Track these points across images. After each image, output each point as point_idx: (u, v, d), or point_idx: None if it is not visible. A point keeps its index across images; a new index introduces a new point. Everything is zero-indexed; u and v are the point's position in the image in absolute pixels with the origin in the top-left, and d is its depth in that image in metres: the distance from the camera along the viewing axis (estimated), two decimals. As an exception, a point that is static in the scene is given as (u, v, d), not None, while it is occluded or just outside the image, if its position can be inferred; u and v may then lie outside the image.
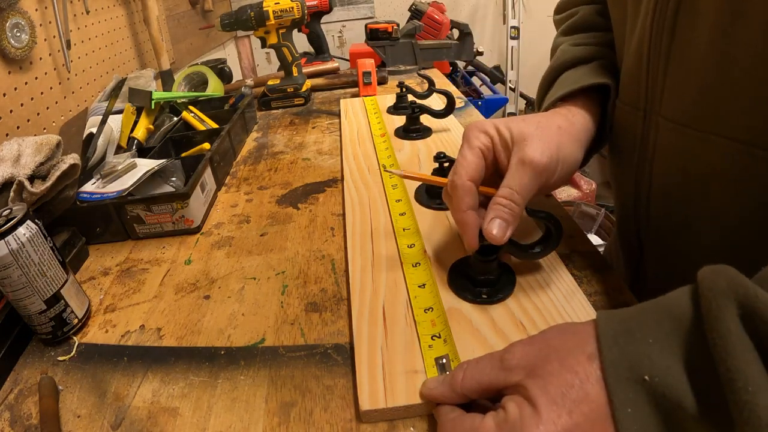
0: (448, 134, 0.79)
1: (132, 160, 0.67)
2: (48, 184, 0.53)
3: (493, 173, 0.43)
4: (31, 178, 0.53)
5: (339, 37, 2.46)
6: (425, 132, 0.80)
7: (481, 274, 0.43)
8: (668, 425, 0.24)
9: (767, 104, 0.32)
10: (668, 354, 0.25)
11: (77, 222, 0.60)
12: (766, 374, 0.21)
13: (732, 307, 0.23)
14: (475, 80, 2.30)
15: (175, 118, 0.90)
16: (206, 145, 0.77)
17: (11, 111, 0.73)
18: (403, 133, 0.80)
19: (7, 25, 0.71)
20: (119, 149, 0.77)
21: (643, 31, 0.40)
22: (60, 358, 0.45)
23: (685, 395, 0.24)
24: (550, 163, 0.40)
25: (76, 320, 0.47)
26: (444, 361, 0.37)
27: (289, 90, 1.08)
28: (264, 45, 1.07)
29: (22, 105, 0.75)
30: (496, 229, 0.38)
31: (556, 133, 0.42)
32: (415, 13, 1.80)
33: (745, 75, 0.33)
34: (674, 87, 0.39)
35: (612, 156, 0.52)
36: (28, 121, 0.76)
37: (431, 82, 0.86)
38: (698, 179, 0.39)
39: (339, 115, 0.98)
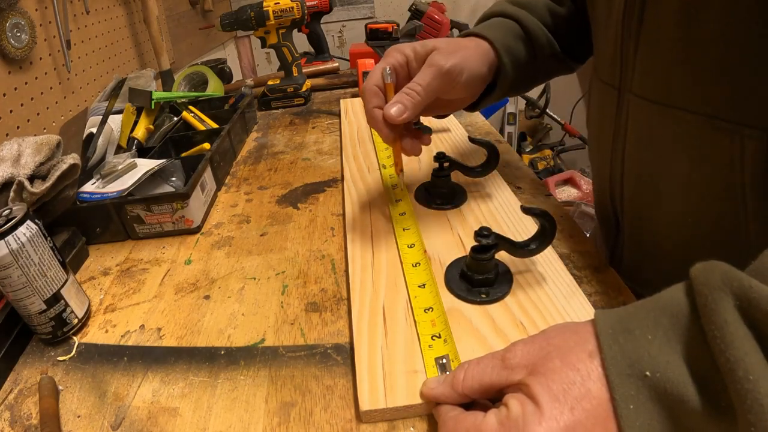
0: (448, 134, 0.79)
1: (132, 160, 0.67)
2: (48, 184, 0.53)
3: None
4: (31, 178, 0.53)
5: (339, 37, 2.46)
6: (425, 132, 0.79)
7: (478, 273, 0.43)
8: (671, 420, 0.24)
9: (728, 79, 0.35)
10: (668, 349, 0.25)
11: (77, 222, 0.60)
12: (765, 362, 0.22)
13: (728, 299, 0.23)
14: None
15: (175, 118, 0.90)
16: (206, 145, 0.77)
17: (11, 111, 0.73)
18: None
19: (7, 25, 0.71)
20: (119, 149, 0.77)
21: (616, 18, 0.44)
22: (60, 358, 0.45)
23: (687, 389, 0.24)
24: (454, 68, 0.46)
25: (76, 320, 0.47)
26: (444, 361, 0.37)
27: (289, 90, 1.08)
28: (264, 45, 1.07)
29: (22, 105, 0.75)
30: (394, 109, 0.45)
31: (463, 49, 0.49)
32: (415, 13, 1.80)
33: (707, 54, 0.36)
34: (643, 66, 0.42)
35: (590, 138, 0.56)
36: (28, 121, 0.76)
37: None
38: (667, 154, 0.42)
39: (339, 115, 0.98)
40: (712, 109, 0.37)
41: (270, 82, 1.09)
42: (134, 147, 0.76)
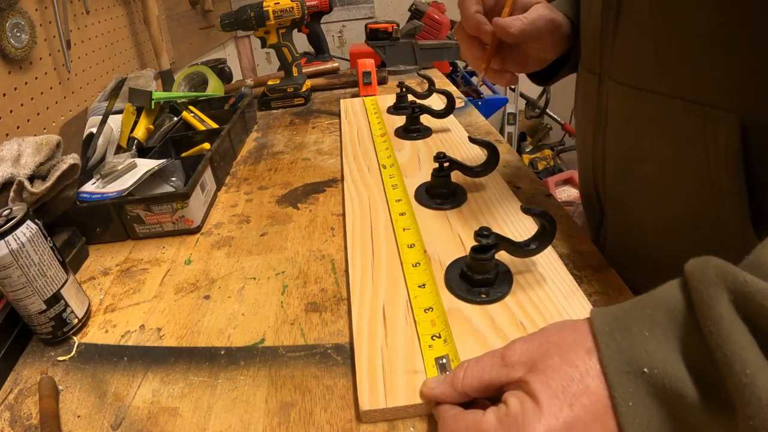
0: (448, 134, 0.79)
1: (132, 160, 0.67)
2: (48, 184, 0.53)
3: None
4: (31, 178, 0.53)
5: (339, 37, 2.46)
6: (425, 132, 0.80)
7: (478, 273, 0.43)
8: (670, 416, 0.25)
9: (698, 64, 0.37)
10: (665, 346, 0.25)
11: (77, 222, 0.60)
12: (762, 356, 0.22)
13: (723, 294, 0.23)
14: (475, 80, 2.30)
15: (175, 118, 0.90)
16: (206, 145, 0.77)
17: (11, 111, 0.73)
18: (403, 133, 0.80)
19: (7, 25, 0.71)
20: (119, 149, 0.77)
21: (597, 7, 0.46)
22: (60, 358, 0.45)
23: (685, 384, 0.24)
24: (555, 20, 0.52)
25: (76, 320, 0.47)
26: (444, 361, 0.37)
27: (289, 90, 1.08)
28: (264, 45, 1.07)
29: (22, 105, 0.75)
30: (516, 23, 0.50)
31: (556, 13, 0.53)
32: (415, 13, 1.80)
33: (679, 40, 0.38)
34: (621, 52, 0.44)
35: (576, 125, 0.58)
36: (28, 121, 0.76)
37: (431, 82, 0.86)
38: (645, 138, 0.44)
39: (339, 115, 0.98)
40: (684, 93, 0.38)
41: (270, 82, 1.09)
42: (134, 147, 0.76)
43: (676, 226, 0.43)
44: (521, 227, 0.52)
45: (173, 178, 0.72)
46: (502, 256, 0.44)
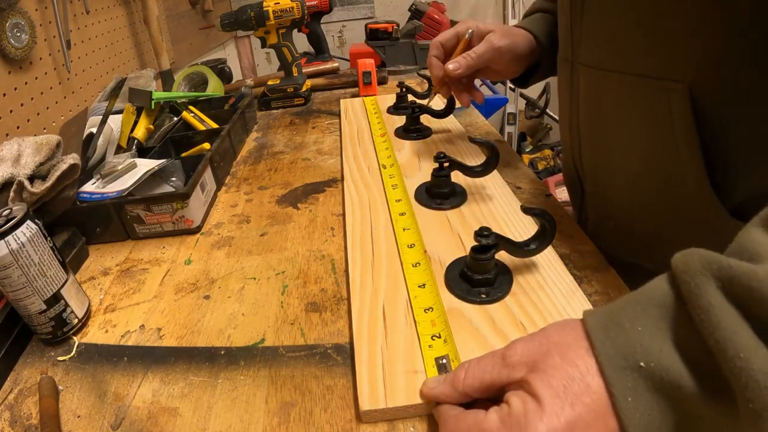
0: (448, 134, 0.79)
1: (132, 160, 0.67)
2: (48, 184, 0.53)
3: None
4: (31, 178, 0.53)
5: (339, 37, 2.46)
6: (425, 132, 0.80)
7: (478, 273, 0.43)
8: (670, 407, 0.25)
9: (652, 41, 0.42)
10: (659, 339, 0.25)
11: (77, 222, 0.60)
12: (755, 337, 0.22)
13: (710, 282, 0.24)
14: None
15: (175, 118, 0.90)
16: (206, 145, 0.77)
17: (11, 111, 0.73)
18: (403, 133, 0.80)
19: (7, 25, 0.71)
20: (119, 149, 0.77)
21: (567, 2, 0.51)
22: (60, 358, 0.45)
23: (682, 375, 0.24)
24: (503, 47, 0.62)
25: (76, 320, 0.47)
26: (444, 361, 0.37)
27: (289, 90, 1.08)
28: (264, 45, 1.07)
29: (22, 105, 0.75)
30: (452, 65, 0.63)
31: (513, 35, 0.63)
32: (415, 13, 1.80)
33: (635, 21, 0.42)
34: (588, 37, 0.49)
35: (558, 112, 0.62)
36: (28, 121, 0.76)
37: (431, 82, 0.86)
38: (611, 115, 0.48)
39: (339, 115, 0.98)
40: (641, 70, 0.43)
41: (270, 82, 1.09)
42: (134, 147, 0.76)
43: (646, 193, 0.48)
44: (521, 227, 0.52)
45: (173, 178, 0.72)
46: (502, 256, 0.44)
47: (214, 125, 0.88)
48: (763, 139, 0.39)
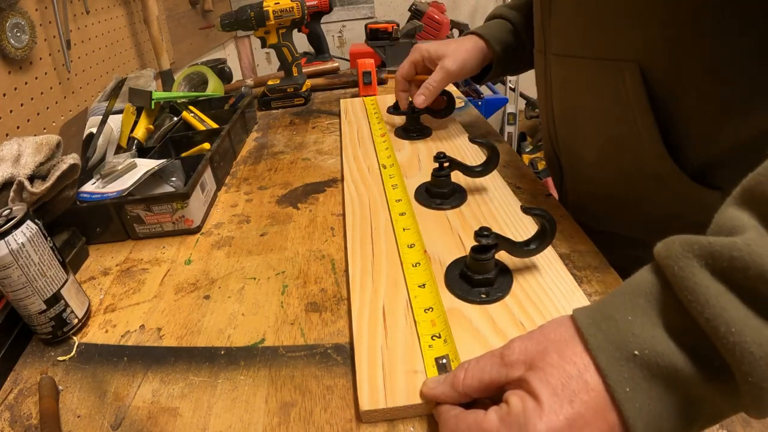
0: (448, 134, 0.79)
1: (132, 160, 0.67)
2: (48, 184, 0.53)
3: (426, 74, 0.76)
4: (31, 178, 0.53)
5: (339, 37, 2.46)
6: (425, 132, 0.80)
7: (478, 273, 0.43)
8: (670, 393, 0.25)
9: (606, 27, 0.47)
10: (650, 326, 0.26)
11: (77, 222, 0.60)
12: (745, 309, 0.22)
13: (693, 262, 0.24)
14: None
15: (175, 118, 0.90)
16: (206, 145, 0.77)
17: (11, 111, 0.73)
18: (403, 133, 0.80)
19: (7, 25, 0.71)
20: (119, 149, 0.77)
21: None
22: (60, 358, 0.45)
23: (678, 359, 0.24)
24: (456, 70, 0.72)
25: (76, 320, 0.47)
26: (444, 361, 0.37)
27: (289, 90, 1.08)
28: (264, 45, 1.07)
29: (22, 105, 0.75)
30: (419, 99, 0.74)
31: (464, 52, 0.72)
32: (415, 13, 1.80)
33: (591, 10, 0.48)
34: (555, 29, 0.55)
35: (537, 99, 0.67)
36: (28, 121, 0.76)
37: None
38: (577, 97, 0.54)
39: (339, 115, 0.98)
40: (599, 53, 0.49)
41: (270, 82, 1.09)
42: (134, 147, 0.76)
43: (613, 164, 0.53)
44: (521, 227, 0.52)
45: (173, 178, 0.72)
46: (502, 256, 0.44)
47: (214, 125, 0.88)
48: (710, 109, 0.44)
